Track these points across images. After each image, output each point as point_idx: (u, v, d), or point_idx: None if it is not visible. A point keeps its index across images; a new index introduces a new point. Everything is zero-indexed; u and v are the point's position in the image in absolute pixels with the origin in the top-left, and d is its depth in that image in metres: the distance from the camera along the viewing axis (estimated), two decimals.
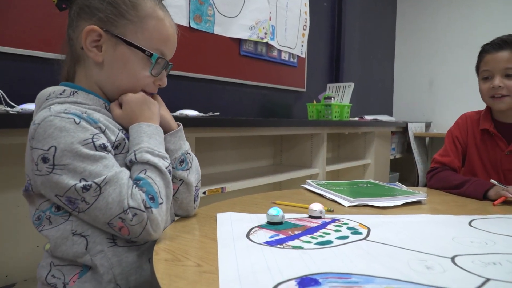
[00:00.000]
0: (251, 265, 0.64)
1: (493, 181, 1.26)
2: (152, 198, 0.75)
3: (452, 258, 0.70)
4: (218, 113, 2.10)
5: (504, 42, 1.31)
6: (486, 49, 1.35)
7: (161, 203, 0.77)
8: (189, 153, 0.92)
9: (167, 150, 0.86)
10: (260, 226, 0.86)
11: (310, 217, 0.94)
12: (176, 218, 0.92)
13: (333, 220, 0.94)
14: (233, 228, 0.85)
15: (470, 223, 0.96)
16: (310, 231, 0.84)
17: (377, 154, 3.50)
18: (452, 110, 4.39)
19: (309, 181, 1.37)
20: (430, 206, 1.16)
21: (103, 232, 0.77)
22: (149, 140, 0.82)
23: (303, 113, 3.18)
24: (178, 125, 0.95)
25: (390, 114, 4.70)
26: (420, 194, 1.20)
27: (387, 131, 3.68)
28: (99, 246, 0.77)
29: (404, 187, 1.36)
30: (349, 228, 0.87)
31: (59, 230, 0.77)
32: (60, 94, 0.82)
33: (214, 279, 0.57)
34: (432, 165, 1.52)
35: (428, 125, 4.48)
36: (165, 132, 0.89)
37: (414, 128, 4.09)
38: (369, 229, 0.87)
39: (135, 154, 0.79)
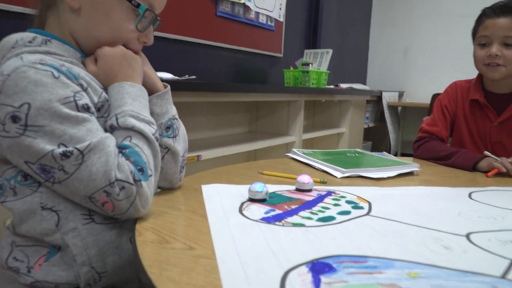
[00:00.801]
0: (252, 248, 0.55)
1: (486, 152, 1.21)
2: (141, 170, 0.65)
3: (467, 236, 0.64)
4: (194, 77, 1.97)
5: (507, 7, 1.23)
6: (487, 13, 1.27)
7: (151, 176, 0.67)
8: (176, 119, 0.82)
9: (152, 114, 0.75)
10: (252, 200, 0.78)
11: (298, 190, 0.86)
12: (158, 190, 0.82)
13: (329, 193, 0.86)
14: (223, 202, 0.76)
15: (470, 196, 0.91)
16: (307, 205, 0.77)
17: (351, 123, 3.47)
18: (424, 80, 4.40)
19: (294, 149, 1.29)
20: (423, 177, 1.10)
21: (78, 206, 0.67)
22: (133, 102, 0.70)
23: (280, 79, 3.08)
24: (165, 87, 0.83)
25: (364, 83, 4.67)
26: (412, 164, 1.14)
27: (363, 99, 3.64)
28: (72, 223, 0.66)
29: (392, 157, 1.31)
30: (348, 202, 0.80)
31: (26, 203, 0.66)
32: (30, 42, 0.69)
33: (212, 266, 0.49)
34: (419, 134, 1.46)
35: (401, 95, 4.47)
36: (150, 94, 0.78)
37: (388, 97, 4.07)
38: (369, 203, 0.80)
39: (117, 119, 0.68)
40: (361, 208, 0.77)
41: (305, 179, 0.86)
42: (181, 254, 0.52)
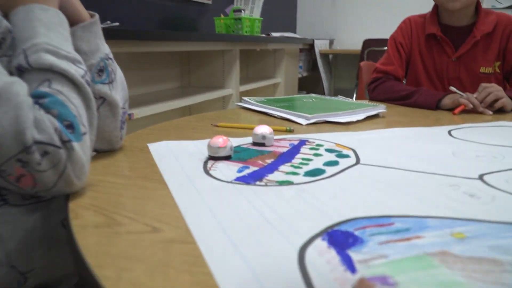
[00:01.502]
0: (240, 220, 0.40)
1: (452, 88, 1.14)
2: (70, 126, 0.46)
3: (481, 179, 0.54)
4: (117, 24, 1.72)
5: None
6: None
7: (84, 134, 0.48)
8: (111, 59, 0.62)
9: (77, 52, 0.55)
10: (215, 158, 0.62)
11: (255, 144, 0.71)
12: (93, 154, 0.63)
13: (302, 142, 0.73)
14: (181, 162, 0.59)
15: (451, 134, 0.82)
16: (284, 158, 0.63)
17: (286, 72, 3.36)
18: (354, 27, 4.36)
19: (245, 98, 1.13)
20: (390, 119, 1.01)
21: None
22: (48, 33, 0.50)
23: (210, 29, 2.85)
24: (92, 16, 0.62)
25: (294, 31, 4.54)
26: (378, 106, 1.04)
27: (296, 48, 3.52)
28: None
29: (349, 100, 1.20)
30: (329, 151, 0.67)
31: None
32: None
33: (193, 254, 0.33)
34: (373, 75, 1.37)
35: (331, 42, 4.42)
36: (72, 25, 0.57)
37: (320, 45, 4.00)
38: (354, 151, 0.68)
39: (26, 56, 0.48)
40: (347, 156, 0.64)
41: (264, 130, 0.70)
42: (143, 241, 0.36)
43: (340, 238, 0.36)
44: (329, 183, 0.52)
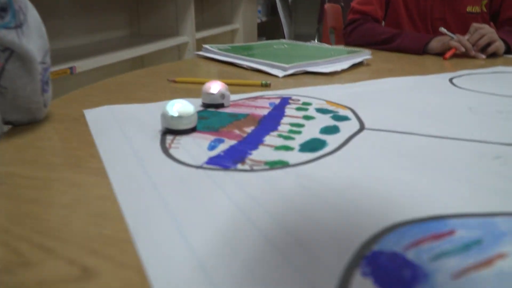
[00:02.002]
0: (228, 246, 0.26)
1: (442, 29, 1.01)
2: None
3: None
4: None
5: None
6: None
7: None
8: None
9: None
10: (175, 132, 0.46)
11: (208, 106, 0.55)
12: (5, 129, 0.46)
13: (285, 100, 0.58)
14: (129, 137, 0.43)
15: (453, 83, 0.70)
16: (268, 124, 0.48)
17: (244, 17, 3.13)
18: None
19: (206, 46, 0.96)
20: (377, 67, 0.87)
21: None
22: None
23: None
24: None
25: None
26: (362, 52, 0.90)
27: None
28: None
29: (324, 45, 1.05)
30: (321, 111, 0.53)
31: None
32: None
33: None
34: (350, 16, 1.22)
35: None
36: None
37: None
38: (351, 110, 0.54)
39: None
40: (346, 118, 0.50)
41: (214, 87, 0.54)
42: None
43: (391, 270, 0.23)
44: (337, 161, 0.38)
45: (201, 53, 0.96)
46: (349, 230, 0.27)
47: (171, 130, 0.44)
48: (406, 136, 0.44)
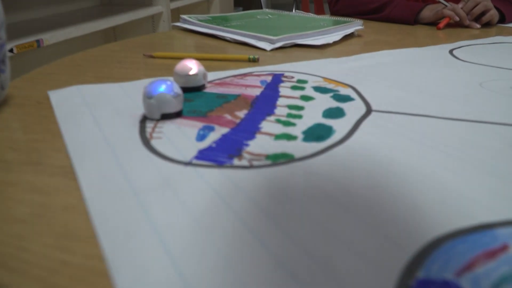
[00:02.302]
0: (225, 267, 0.20)
1: None
2: None
3: None
4: None
5: None
6: None
7: None
8: None
9: None
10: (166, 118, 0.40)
11: (183, 89, 0.46)
12: None
13: (277, 78, 0.52)
14: (102, 125, 0.37)
15: (454, 55, 0.65)
16: (262, 106, 0.42)
17: None
18: None
19: (184, 16, 0.88)
20: (369, 38, 0.81)
21: None
22: None
23: None
24: None
25: None
26: (353, 22, 0.84)
27: None
28: None
29: (311, 15, 0.98)
30: (319, 90, 0.47)
31: None
32: None
33: None
34: None
35: None
36: None
37: None
38: (353, 88, 0.48)
39: None
40: (349, 98, 0.45)
41: (193, 67, 0.46)
42: None
43: None
44: (349, 152, 0.32)
45: (178, 24, 0.88)
46: (380, 248, 0.21)
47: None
48: (421, 119, 0.39)
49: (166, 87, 0.37)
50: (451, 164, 0.30)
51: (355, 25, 0.82)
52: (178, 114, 0.38)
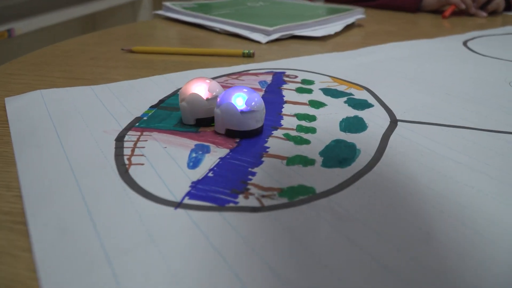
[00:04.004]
0: None
1: None
2: None
3: None
4: None
5: None
6: None
7: None
8: None
9: None
10: (140, 126, 0.32)
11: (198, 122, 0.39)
12: None
13: (279, 78, 0.45)
14: (67, 144, 0.29)
15: (469, 48, 0.58)
16: (266, 116, 0.35)
17: None
18: None
19: (167, 4, 0.79)
20: (371, 29, 0.74)
21: None
22: None
23: None
24: None
25: None
26: (354, 10, 0.76)
27: None
28: None
29: (306, 2, 0.91)
30: (329, 93, 0.40)
31: None
32: None
33: None
34: None
35: None
36: None
37: None
38: (370, 91, 0.41)
39: None
40: (367, 104, 0.38)
41: (210, 86, 0.32)
42: None
43: None
44: (383, 181, 0.25)
45: (161, 12, 0.79)
46: None
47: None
48: (459, 132, 0.32)
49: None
50: (505, 191, 0.24)
51: (356, 14, 0.74)
52: (255, 133, 0.31)
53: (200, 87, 0.32)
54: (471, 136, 0.32)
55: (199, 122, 0.32)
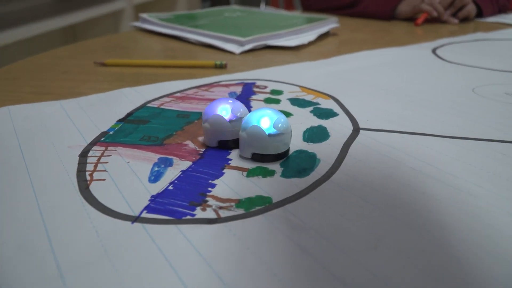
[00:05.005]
0: None
1: None
2: None
3: None
4: None
5: None
6: None
7: None
8: None
9: None
10: (106, 141, 0.33)
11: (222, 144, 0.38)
12: None
13: (249, 88, 0.46)
14: (30, 160, 0.29)
15: (437, 55, 0.60)
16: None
17: None
18: None
19: (144, 15, 0.80)
20: (346, 37, 0.75)
21: None
22: None
23: None
24: None
25: None
26: (327, 19, 0.78)
27: None
28: None
29: (283, 11, 0.92)
30: (296, 103, 0.41)
31: None
32: None
33: None
34: None
35: None
36: None
37: None
38: (335, 100, 0.42)
39: None
40: (332, 114, 0.39)
41: (223, 107, 0.31)
42: None
43: None
44: (340, 189, 0.26)
45: (137, 24, 0.80)
46: None
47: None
48: (419, 138, 0.33)
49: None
50: (468, 200, 0.24)
51: (330, 23, 0.76)
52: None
53: (223, 108, 0.31)
54: (431, 143, 0.32)
55: (221, 144, 0.31)
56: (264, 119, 0.28)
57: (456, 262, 0.20)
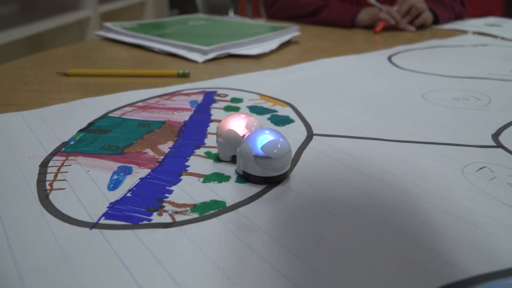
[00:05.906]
0: None
1: (371, 0, 0.93)
2: None
3: (498, 143, 0.35)
4: None
5: None
6: None
7: None
8: None
9: None
10: (66, 151, 0.34)
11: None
12: None
13: (210, 97, 0.47)
14: None
15: (392, 63, 0.63)
16: (190, 136, 0.36)
17: None
18: None
19: (108, 24, 0.80)
20: (307, 45, 0.78)
21: None
22: None
23: None
24: None
25: None
26: (289, 28, 0.80)
27: None
28: None
29: (247, 20, 0.94)
30: (255, 110, 0.43)
31: None
32: None
33: None
34: None
35: None
36: None
37: None
38: (292, 107, 0.44)
39: None
40: (287, 120, 0.41)
41: (238, 122, 0.32)
42: None
43: None
44: (290, 194, 0.28)
45: (101, 33, 0.80)
46: None
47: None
48: (368, 143, 0.35)
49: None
50: (407, 199, 0.27)
51: (292, 32, 0.78)
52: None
53: (237, 123, 0.31)
54: (378, 146, 0.35)
55: (235, 159, 0.31)
56: (258, 141, 0.28)
57: (398, 256, 0.22)
